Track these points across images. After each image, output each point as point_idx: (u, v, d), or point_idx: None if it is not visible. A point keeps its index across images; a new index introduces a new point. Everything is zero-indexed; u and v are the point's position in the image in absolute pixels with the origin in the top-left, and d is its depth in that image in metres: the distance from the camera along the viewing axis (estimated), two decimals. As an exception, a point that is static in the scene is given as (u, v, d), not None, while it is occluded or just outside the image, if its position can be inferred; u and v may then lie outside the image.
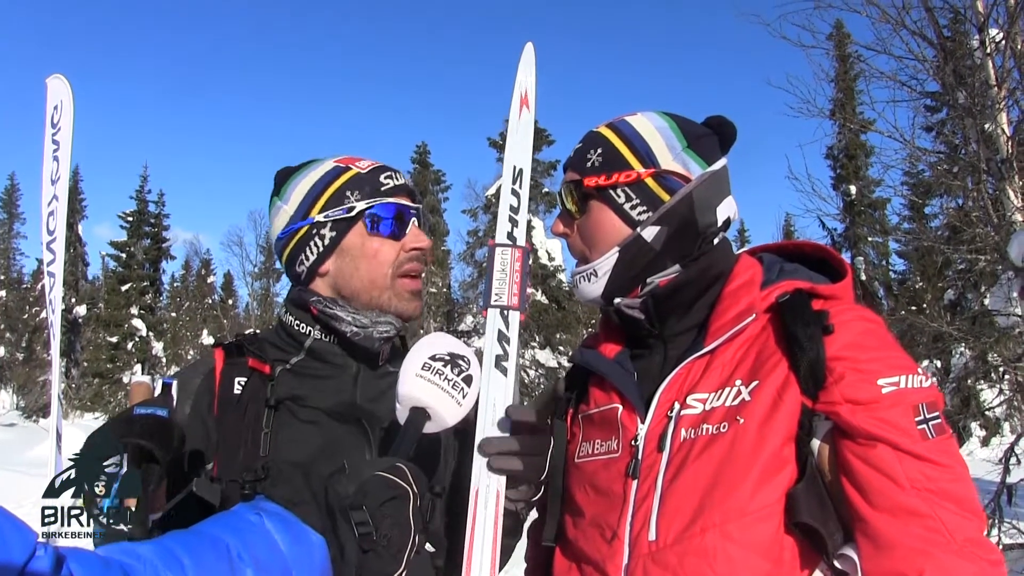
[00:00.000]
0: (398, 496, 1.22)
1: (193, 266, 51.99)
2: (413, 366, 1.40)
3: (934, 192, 10.48)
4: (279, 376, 1.60)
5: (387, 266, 1.63)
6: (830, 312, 1.29)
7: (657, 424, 1.36)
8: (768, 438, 1.24)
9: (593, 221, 1.49)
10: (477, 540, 1.38)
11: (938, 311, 9.75)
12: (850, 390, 1.22)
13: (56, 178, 2.02)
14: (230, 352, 1.65)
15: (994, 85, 6.70)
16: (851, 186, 28.99)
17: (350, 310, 1.61)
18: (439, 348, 1.44)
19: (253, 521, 1.22)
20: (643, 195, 1.45)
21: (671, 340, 1.46)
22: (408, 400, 1.39)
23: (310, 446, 1.55)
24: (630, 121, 1.51)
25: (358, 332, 1.60)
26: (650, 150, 1.46)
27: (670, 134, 1.48)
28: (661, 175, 1.45)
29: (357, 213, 1.62)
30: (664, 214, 1.43)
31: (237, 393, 1.59)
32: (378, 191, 1.64)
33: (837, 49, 21.04)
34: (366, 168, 1.67)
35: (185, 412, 1.58)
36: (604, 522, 1.37)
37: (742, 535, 1.21)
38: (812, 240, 1.58)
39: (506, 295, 1.48)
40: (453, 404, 1.39)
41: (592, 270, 1.48)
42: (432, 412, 1.38)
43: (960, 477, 1.19)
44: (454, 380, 1.40)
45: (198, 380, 1.62)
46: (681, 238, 1.44)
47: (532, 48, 1.58)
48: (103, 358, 34.58)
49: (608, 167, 1.47)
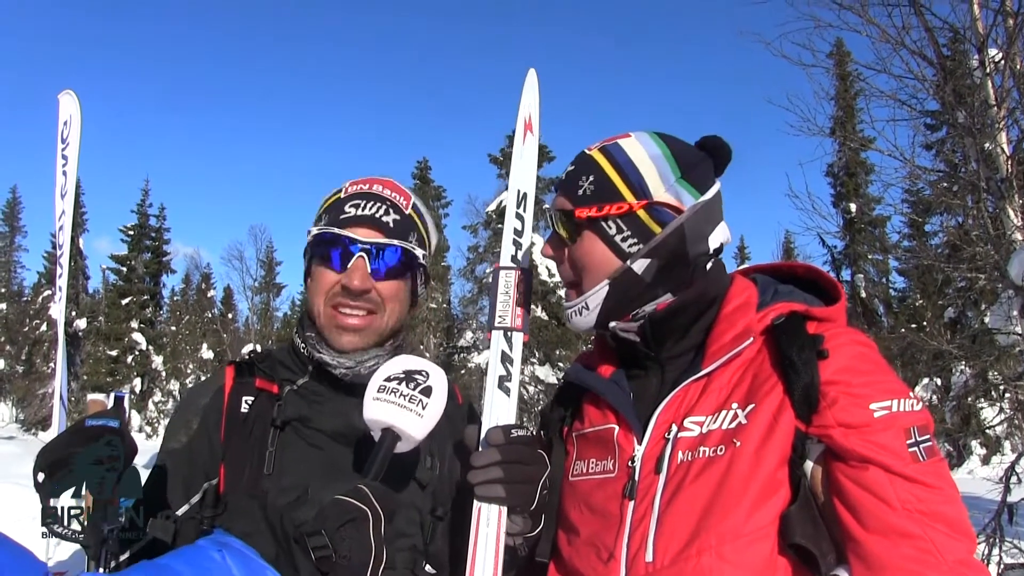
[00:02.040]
0: (357, 518, 1.28)
1: (193, 280, 52.02)
2: (371, 391, 1.43)
3: (934, 210, 10.50)
4: (286, 397, 1.62)
5: (321, 296, 1.63)
6: (825, 336, 1.31)
7: (654, 446, 1.37)
8: (764, 461, 1.26)
9: (583, 251, 1.47)
10: (479, 559, 1.37)
11: (938, 329, 9.74)
12: (843, 414, 1.24)
13: (64, 193, 2.04)
14: (240, 371, 1.67)
15: (994, 105, 6.73)
16: (851, 204, 29.02)
17: (333, 353, 1.62)
18: (394, 368, 1.47)
19: (216, 558, 1.28)
20: (634, 227, 1.43)
21: (668, 362, 1.46)
22: (373, 424, 1.42)
23: (313, 468, 1.56)
24: (624, 147, 1.48)
25: (346, 374, 1.63)
26: (643, 181, 1.43)
27: (664, 164, 1.45)
28: (653, 207, 1.43)
29: (311, 239, 1.66)
30: (655, 247, 1.42)
31: (244, 412, 1.60)
32: (335, 219, 1.63)
33: (837, 68, 21.11)
34: (348, 193, 1.68)
35: (193, 428, 1.61)
36: (600, 542, 1.37)
37: (738, 557, 1.22)
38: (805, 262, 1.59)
39: (509, 317, 1.48)
40: (413, 417, 1.41)
41: (584, 304, 1.47)
42: (397, 430, 1.40)
43: (951, 499, 1.20)
44: (410, 395, 1.42)
45: (207, 398, 1.64)
46: (671, 269, 1.43)
47: (535, 74, 1.60)
48: (103, 371, 34.55)
49: (599, 198, 1.44)
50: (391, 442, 1.40)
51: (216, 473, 1.57)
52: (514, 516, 1.44)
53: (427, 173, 37.31)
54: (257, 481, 1.53)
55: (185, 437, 1.61)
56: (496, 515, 1.39)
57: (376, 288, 1.62)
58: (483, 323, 32.12)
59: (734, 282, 1.48)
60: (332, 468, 1.56)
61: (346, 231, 1.61)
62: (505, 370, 1.47)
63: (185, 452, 1.59)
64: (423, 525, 1.60)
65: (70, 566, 6.45)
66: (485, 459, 1.38)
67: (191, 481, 1.57)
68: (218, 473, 1.57)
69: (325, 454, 1.58)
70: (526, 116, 1.58)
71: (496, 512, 1.39)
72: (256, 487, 1.52)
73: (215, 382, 1.67)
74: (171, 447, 1.61)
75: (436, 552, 1.59)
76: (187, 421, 1.63)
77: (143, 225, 37.68)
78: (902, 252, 14.94)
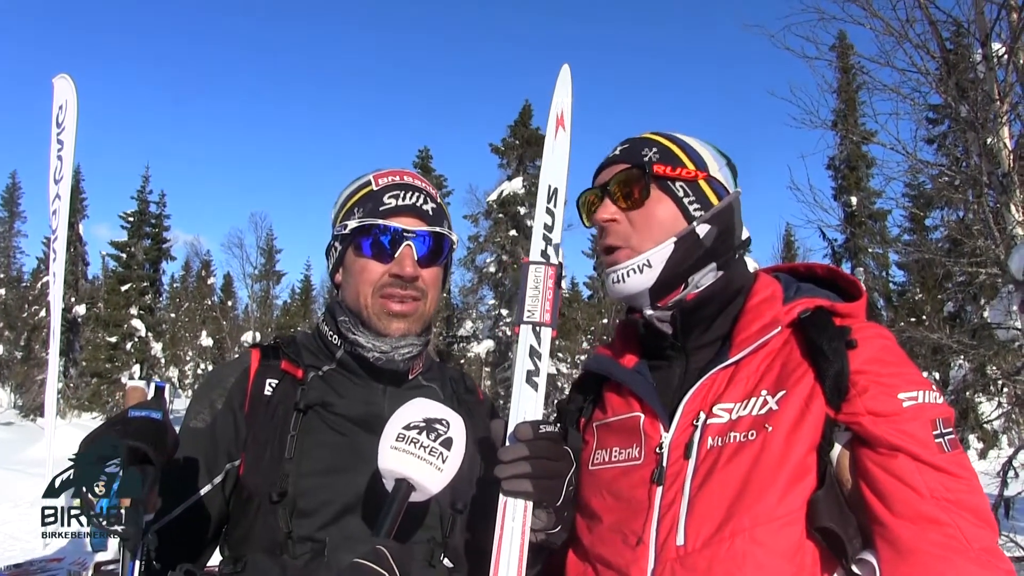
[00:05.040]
0: None
1: (193, 267, 52.19)
2: (388, 439, 1.39)
3: (935, 204, 10.48)
4: (311, 382, 1.63)
5: (369, 286, 1.64)
6: (852, 328, 1.36)
7: (682, 432, 1.40)
8: (795, 446, 1.30)
9: (653, 210, 1.51)
10: (504, 554, 1.37)
11: (938, 323, 9.75)
12: (873, 402, 1.28)
13: (59, 177, 2.02)
14: (266, 354, 1.68)
15: (996, 99, 6.71)
16: (852, 197, 28.98)
17: (370, 336, 1.64)
18: (414, 415, 1.42)
19: None
20: (698, 193, 1.51)
21: (693, 352, 1.50)
22: (388, 474, 1.38)
23: (334, 453, 1.56)
24: (674, 134, 1.59)
25: (380, 357, 1.63)
26: (700, 158, 1.55)
27: (711, 150, 1.58)
28: (711, 179, 1.53)
29: (350, 231, 1.65)
30: (716, 214, 1.51)
31: (268, 395, 1.61)
32: (376, 211, 1.64)
33: (840, 60, 21.00)
34: (381, 185, 1.68)
35: (217, 408, 1.61)
36: (627, 528, 1.39)
37: (770, 540, 1.26)
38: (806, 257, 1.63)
39: (539, 312, 1.48)
40: (432, 471, 1.36)
41: (645, 260, 1.49)
42: (414, 482, 1.36)
43: (975, 489, 1.24)
44: (431, 446, 1.37)
45: (232, 379, 1.64)
46: (724, 241, 1.51)
47: (568, 70, 1.60)
48: (102, 358, 34.53)
49: (669, 161, 1.52)
50: (405, 494, 1.36)
51: (239, 454, 1.57)
52: (539, 512, 1.44)
53: (428, 162, 37.22)
54: (278, 465, 1.53)
55: (209, 416, 1.60)
56: (522, 510, 1.39)
57: (421, 275, 1.65)
58: (483, 313, 32.16)
59: (759, 278, 1.54)
60: (354, 454, 1.56)
61: (391, 221, 1.63)
62: (533, 365, 1.46)
63: (208, 432, 1.59)
64: (442, 518, 1.61)
65: (68, 552, 6.42)
66: (513, 454, 1.38)
67: (214, 461, 1.57)
68: (240, 454, 1.57)
69: (347, 440, 1.58)
70: (558, 112, 1.59)
71: (522, 507, 1.39)
72: (276, 471, 1.52)
73: (241, 363, 1.68)
74: (195, 426, 1.60)
75: (454, 546, 1.60)
76: (211, 401, 1.62)
77: (143, 212, 37.52)
78: (902, 246, 14.92)
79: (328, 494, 1.52)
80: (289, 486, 1.50)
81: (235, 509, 1.57)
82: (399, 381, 1.69)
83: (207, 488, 1.55)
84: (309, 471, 1.53)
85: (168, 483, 1.48)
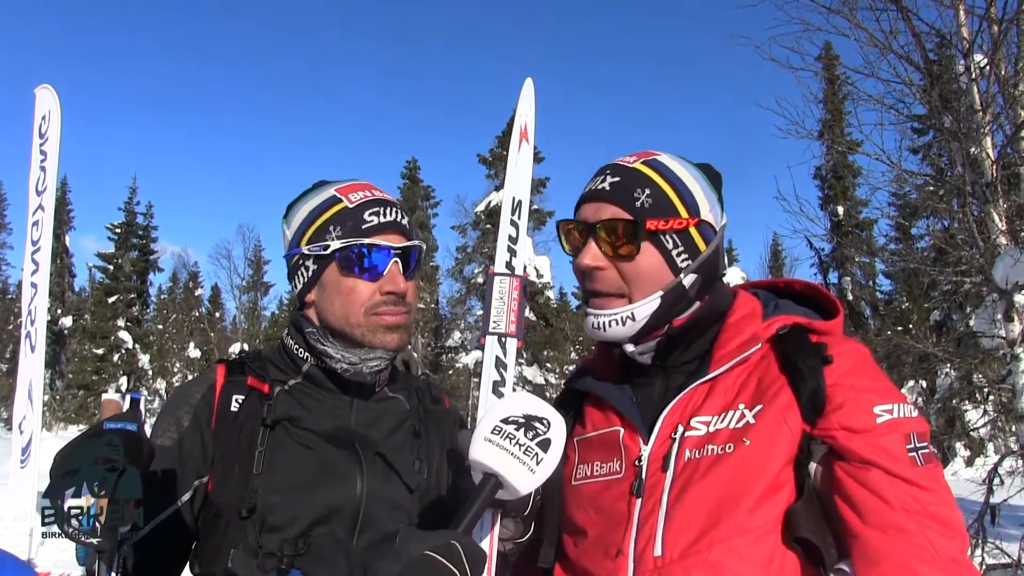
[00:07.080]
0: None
1: (180, 278, 51.71)
2: (484, 429, 1.32)
3: (920, 214, 10.59)
4: (277, 396, 1.61)
5: (359, 305, 1.60)
6: (827, 344, 1.38)
7: (661, 445, 1.41)
8: (772, 459, 1.31)
9: (643, 263, 1.46)
10: None
11: (924, 332, 9.83)
12: (847, 418, 1.30)
13: (43, 188, 2.02)
14: (232, 369, 1.66)
15: (979, 110, 6.78)
16: (838, 207, 29.23)
17: (339, 347, 1.62)
18: (514, 410, 1.34)
19: None
20: (686, 243, 1.46)
21: (672, 370, 1.50)
22: (476, 466, 1.31)
23: (303, 468, 1.55)
24: (666, 164, 1.51)
25: (348, 369, 1.62)
26: (694, 199, 1.48)
27: (704, 184, 1.52)
28: (702, 224, 1.48)
29: (331, 252, 1.61)
30: (702, 263, 1.48)
31: (235, 411, 1.59)
32: (358, 230, 1.60)
33: (826, 71, 21.21)
34: (355, 203, 1.64)
35: (184, 425, 1.59)
36: (608, 540, 1.39)
37: (747, 550, 1.27)
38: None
39: (503, 323, 1.47)
40: (524, 471, 1.28)
41: (630, 313, 1.46)
42: (502, 479, 1.28)
43: (946, 501, 1.27)
44: (526, 445, 1.29)
45: (198, 395, 1.63)
46: (709, 284, 1.50)
47: (531, 83, 1.60)
48: (88, 370, 34.33)
49: (662, 211, 1.45)
50: (492, 490, 1.28)
51: (207, 471, 1.56)
52: (507, 521, 1.46)
53: (416, 173, 37.30)
54: (246, 481, 1.51)
55: (176, 434, 1.59)
56: (489, 519, 1.39)
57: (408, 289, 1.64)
58: (471, 323, 32.14)
59: (738, 295, 1.54)
60: (323, 469, 1.55)
61: (376, 239, 1.60)
62: (499, 375, 1.46)
63: (175, 449, 1.57)
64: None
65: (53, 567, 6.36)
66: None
67: (182, 479, 1.56)
68: (208, 471, 1.56)
69: (316, 455, 1.57)
70: (522, 125, 1.59)
71: (489, 516, 1.39)
72: (244, 487, 1.51)
73: (206, 379, 1.66)
74: (162, 444, 1.57)
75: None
76: (178, 418, 1.60)
77: (130, 223, 37.44)
78: (889, 255, 15.07)
79: (297, 509, 1.51)
80: (258, 501, 1.49)
81: (204, 526, 1.55)
82: (366, 394, 1.68)
83: (176, 506, 1.54)
84: (278, 486, 1.52)
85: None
